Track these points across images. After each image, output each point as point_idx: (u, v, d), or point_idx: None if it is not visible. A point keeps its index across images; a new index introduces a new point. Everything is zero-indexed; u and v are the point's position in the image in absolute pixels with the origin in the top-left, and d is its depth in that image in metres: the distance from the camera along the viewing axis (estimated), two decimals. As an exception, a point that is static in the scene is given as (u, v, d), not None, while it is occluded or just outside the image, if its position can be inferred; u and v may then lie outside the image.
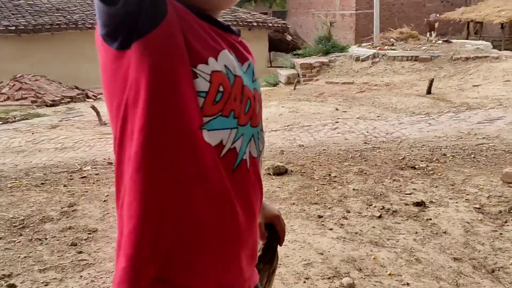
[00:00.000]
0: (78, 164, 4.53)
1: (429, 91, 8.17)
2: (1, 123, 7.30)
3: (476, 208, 3.16)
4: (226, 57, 0.75)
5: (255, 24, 14.42)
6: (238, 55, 0.80)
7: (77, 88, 10.61)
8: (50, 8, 13.34)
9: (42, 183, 3.96)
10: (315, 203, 3.30)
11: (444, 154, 4.43)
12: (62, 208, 3.35)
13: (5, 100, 9.39)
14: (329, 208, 3.21)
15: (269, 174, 3.89)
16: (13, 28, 12.12)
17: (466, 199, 3.32)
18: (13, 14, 12.77)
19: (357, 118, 6.57)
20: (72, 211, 3.29)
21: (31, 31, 12.25)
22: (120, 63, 0.71)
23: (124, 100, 0.72)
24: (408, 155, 4.43)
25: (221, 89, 0.74)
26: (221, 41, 0.77)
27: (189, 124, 0.72)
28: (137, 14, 0.67)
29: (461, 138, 5.16)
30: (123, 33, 0.69)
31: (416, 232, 2.83)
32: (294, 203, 3.31)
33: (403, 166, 4.11)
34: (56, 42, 12.26)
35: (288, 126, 6.23)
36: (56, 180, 4.04)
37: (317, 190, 3.56)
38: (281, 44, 15.72)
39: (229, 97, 0.75)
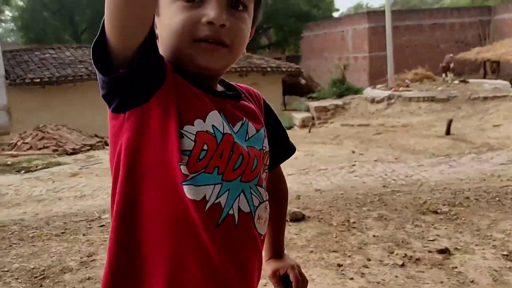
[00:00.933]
0: (97, 212, 4.54)
1: (448, 132, 8.11)
2: (24, 172, 7.44)
3: (504, 255, 3.03)
4: (214, 118, 0.80)
5: (269, 69, 14.72)
6: (229, 117, 0.84)
7: (96, 136, 10.85)
8: (73, 60, 13.90)
9: (62, 232, 3.97)
10: (334, 251, 3.21)
11: (468, 198, 4.32)
12: (81, 258, 3.33)
13: (28, 149, 9.63)
14: (349, 256, 3.12)
15: (286, 220, 3.84)
16: (38, 80, 12.62)
17: (493, 245, 3.20)
18: (38, 67, 13.33)
19: (375, 160, 6.51)
20: (91, 261, 3.27)
21: (55, 83, 12.72)
22: (114, 122, 0.81)
23: (117, 153, 0.81)
24: (429, 199, 4.33)
25: (205, 147, 0.78)
26: (212, 105, 0.82)
27: (171, 180, 0.77)
28: (130, 91, 0.75)
29: (484, 180, 5.04)
30: (116, 102, 0.78)
31: (442, 282, 2.71)
32: (312, 251, 3.23)
33: (425, 210, 4.01)
34: (78, 93, 12.67)
35: (304, 169, 6.20)
36: (75, 229, 4.05)
37: (335, 237, 3.48)
38: (295, 87, 15.96)
39: (213, 155, 0.79)
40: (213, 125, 0.80)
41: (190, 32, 0.79)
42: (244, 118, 0.86)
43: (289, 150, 1.02)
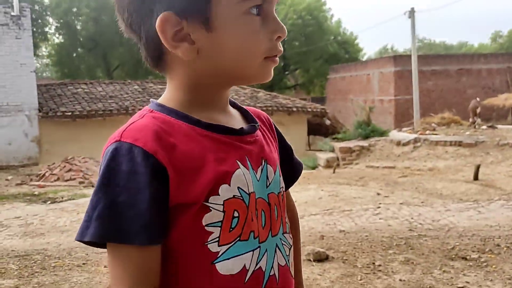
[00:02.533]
0: (119, 245, 4.54)
1: (476, 177, 7.91)
2: (50, 203, 7.57)
3: (538, 306, 2.88)
4: (239, 178, 0.72)
5: (294, 109, 14.83)
6: (253, 161, 0.76)
7: (122, 168, 11.00)
8: (104, 95, 14.34)
9: (84, 263, 3.98)
10: (359, 294, 3.12)
11: (498, 245, 4.15)
12: (100, 289, 3.32)
13: (55, 181, 9.82)
14: (374, 300, 3.02)
15: (309, 260, 3.76)
16: (70, 113, 13.03)
17: (526, 296, 3.05)
18: (70, 101, 13.80)
19: (400, 203, 6.37)
20: (110, 293, 3.25)
21: (85, 116, 13.10)
22: None
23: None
24: (458, 245, 4.19)
25: (236, 214, 0.71)
26: (235, 154, 0.73)
27: (199, 265, 0.70)
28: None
29: (515, 227, 4.86)
30: None
31: (473, 332, 2.58)
32: (336, 293, 3.14)
33: (453, 256, 3.87)
34: (107, 126, 12.96)
35: (328, 210, 6.10)
36: (97, 260, 4.05)
37: (360, 280, 3.37)
38: (320, 128, 15.98)
39: (246, 219, 0.72)
40: (238, 187, 0.71)
41: (265, 51, 0.72)
42: (263, 162, 0.78)
43: (298, 171, 0.95)
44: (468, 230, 4.81)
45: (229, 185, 0.70)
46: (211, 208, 0.69)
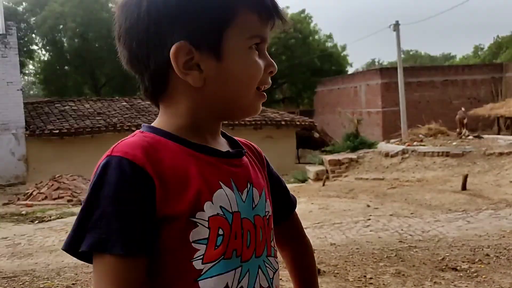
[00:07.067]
0: (108, 264, 4.49)
1: (464, 187, 7.98)
2: (37, 222, 7.47)
3: (529, 315, 2.91)
4: (221, 197, 0.75)
5: (283, 123, 14.89)
6: (238, 183, 0.78)
7: (111, 186, 10.90)
8: (92, 112, 14.28)
9: (73, 284, 3.92)
10: (351, 308, 3.12)
11: (487, 255, 4.19)
12: (89, 311, 3.28)
13: (43, 199, 9.69)
14: (367, 314, 3.02)
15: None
16: (57, 131, 12.93)
17: (516, 305, 3.07)
18: (58, 119, 13.70)
19: (390, 215, 6.40)
20: (100, 314, 3.20)
21: (73, 134, 13.01)
22: None
23: None
24: (448, 255, 4.21)
25: (220, 232, 0.73)
26: (218, 174, 0.76)
27: (181, 285, 0.71)
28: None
29: (504, 237, 4.91)
30: None
31: None
32: (328, 308, 3.14)
33: (444, 267, 3.89)
34: (96, 144, 12.88)
35: (318, 223, 6.11)
36: (87, 280, 3.99)
37: (352, 294, 3.38)
38: (309, 141, 16.04)
39: (229, 238, 0.74)
40: (220, 206, 0.74)
41: (258, 81, 0.80)
42: (249, 184, 0.81)
43: (291, 207, 0.99)
44: (457, 240, 4.84)
45: (212, 203, 0.73)
46: (197, 224, 0.71)
